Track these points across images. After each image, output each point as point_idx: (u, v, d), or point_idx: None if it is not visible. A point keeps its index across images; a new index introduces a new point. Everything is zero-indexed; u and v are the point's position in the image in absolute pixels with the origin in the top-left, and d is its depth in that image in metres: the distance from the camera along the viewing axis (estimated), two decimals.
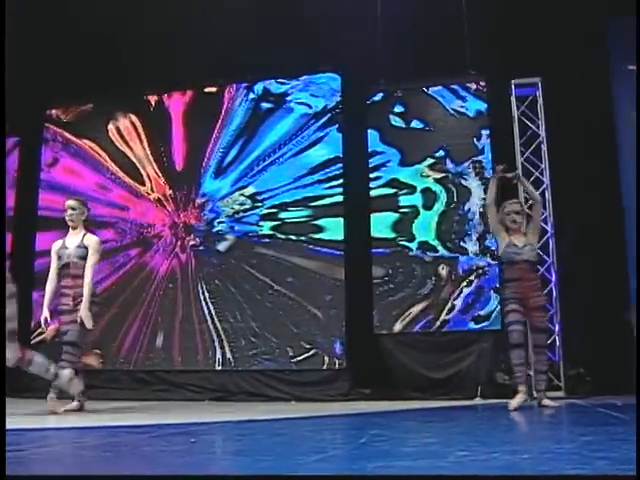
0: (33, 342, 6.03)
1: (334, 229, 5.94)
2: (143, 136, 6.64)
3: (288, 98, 6.22)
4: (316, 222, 6.01)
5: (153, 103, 6.68)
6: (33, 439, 2.89)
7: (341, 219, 5.94)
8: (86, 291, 4.36)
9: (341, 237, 5.92)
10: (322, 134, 6.07)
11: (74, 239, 4.53)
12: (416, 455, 2.13)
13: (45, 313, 4.42)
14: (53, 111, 6.95)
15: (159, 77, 6.43)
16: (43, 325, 4.45)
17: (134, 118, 6.70)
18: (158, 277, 6.32)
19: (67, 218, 4.57)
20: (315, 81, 6.17)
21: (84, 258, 4.43)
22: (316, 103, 6.12)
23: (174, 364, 6.16)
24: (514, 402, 4.08)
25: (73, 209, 4.57)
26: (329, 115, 6.07)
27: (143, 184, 6.57)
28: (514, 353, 4.17)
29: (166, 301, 6.26)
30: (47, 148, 6.93)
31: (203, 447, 2.67)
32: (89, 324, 4.32)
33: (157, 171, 6.53)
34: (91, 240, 4.52)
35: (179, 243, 6.32)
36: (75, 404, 4.35)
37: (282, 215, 6.11)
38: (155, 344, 6.22)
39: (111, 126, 6.75)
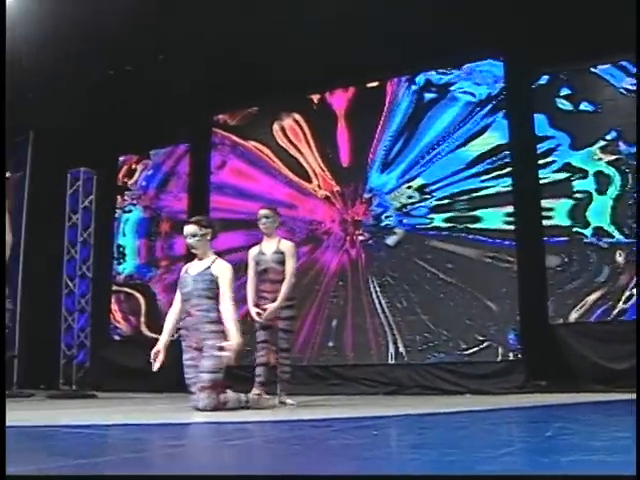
0: None
1: (503, 219, 7.49)
2: (308, 134, 8.68)
3: (451, 88, 7.91)
4: (485, 212, 7.59)
5: (316, 101, 8.71)
6: (225, 432, 3.76)
7: (511, 208, 7.47)
8: (284, 290, 5.79)
9: (511, 227, 7.45)
10: (487, 122, 7.67)
11: (270, 245, 5.98)
12: (609, 450, 2.41)
13: (253, 310, 5.93)
14: (220, 116, 9.28)
15: (321, 76, 8.40)
16: (257, 318, 5.88)
17: (298, 117, 8.78)
18: (329, 273, 8.30)
19: (261, 227, 6.00)
20: (477, 69, 7.80)
21: (282, 263, 5.88)
22: (480, 91, 7.75)
23: (347, 359, 8.08)
24: None
25: (267, 217, 6.00)
26: (494, 102, 7.66)
27: (310, 181, 8.61)
28: None
29: (337, 297, 8.21)
30: (215, 152, 9.27)
31: (386, 440, 3.28)
32: (267, 319, 5.80)
33: (323, 168, 8.53)
34: (286, 245, 5.97)
35: (348, 239, 8.26)
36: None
37: (452, 206, 7.75)
38: (327, 339, 8.18)
39: (276, 126, 8.88)
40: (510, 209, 7.50)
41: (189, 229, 5.18)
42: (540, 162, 7.41)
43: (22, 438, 3.25)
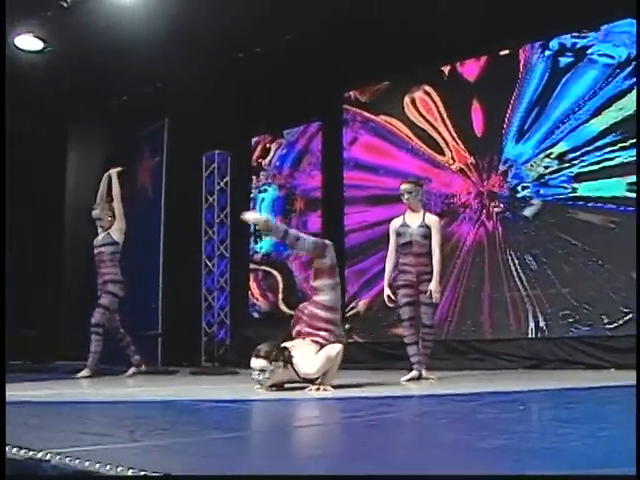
0: (347, 315, 8.67)
1: None
2: (440, 106, 8.92)
3: (587, 51, 7.92)
4: (626, 180, 7.57)
5: (447, 72, 8.92)
6: (372, 406, 3.92)
7: None
8: (437, 267, 6.07)
9: None
10: (627, 85, 7.65)
11: (415, 218, 6.19)
12: None
13: (387, 291, 6.23)
14: (351, 93, 9.66)
15: (451, 46, 8.61)
16: (388, 303, 6.27)
17: (429, 89, 9.03)
18: (465, 247, 8.55)
19: (405, 201, 6.23)
20: (614, 30, 7.77)
21: (426, 237, 6.10)
22: (619, 53, 7.73)
23: (485, 333, 8.32)
24: None
25: (409, 192, 6.20)
26: (634, 64, 7.62)
27: (443, 154, 8.86)
28: None
29: (474, 270, 8.45)
30: (347, 129, 9.66)
31: (534, 414, 3.34)
32: (437, 299, 6.13)
33: (457, 140, 8.75)
34: (433, 220, 6.19)
35: (484, 211, 8.46)
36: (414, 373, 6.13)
37: (591, 175, 7.78)
38: (465, 314, 8.45)
39: (407, 100, 9.18)
40: None
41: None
42: None
43: (171, 412, 3.58)
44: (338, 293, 5.18)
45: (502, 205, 8.37)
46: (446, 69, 8.97)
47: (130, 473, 1.46)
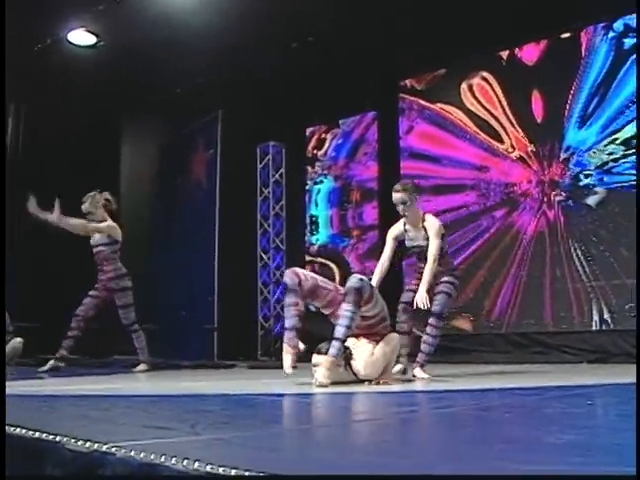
0: None
1: None
2: (498, 92, 8.81)
3: None
4: None
5: (505, 57, 8.80)
6: (434, 400, 3.91)
7: None
8: (427, 275, 5.30)
9: None
10: None
11: (415, 224, 5.58)
12: None
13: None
14: (407, 81, 9.62)
15: (509, 31, 8.49)
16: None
17: (487, 75, 8.92)
18: (526, 237, 8.44)
19: (401, 212, 5.53)
20: None
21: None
22: None
23: (546, 326, 8.21)
24: None
25: (404, 203, 5.46)
26: None
27: (502, 142, 8.75)
28: None
29: (535, 261, 8.34)
30: (403, 117, 9.61)
31: (603, 409, 3.29)
32: (423, 306, 5.29)
33: (516, 127, 8.64)
34: (431, 223, 5.50)
35: (546, 200, 8.34)
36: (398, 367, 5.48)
37: None
38: (526, 306, 8.35)
39: (464, 87, 9.09)
40: None
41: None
42: None
43: (231, 406, 3.60)
44: (379, 298, 5.02)
45: (564, 194, 8.24)
46: (504, 54, 8.85)
47: (196, 466, 1.47)
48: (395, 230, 5.72)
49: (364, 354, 4.83)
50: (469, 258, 8.87)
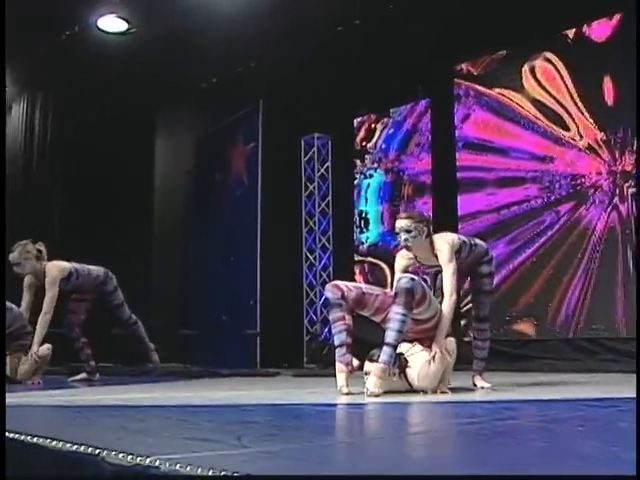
0: (462, 310, 8.57)
1: None
2: (564, 75, 8.70)
3: None
4: None
5: (571, 36, 8.69)
6: (493, 410, 3.89)
7: None
8: (446, 317, 4.89)
9: None
10: None
11: (423, 252, 5.08)
12: None
13: None
14: (462, 65, 9.56)
15: (576, 6, 8.38)
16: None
17: (551, 56, 8.82)
18: (595, 233, 8.33)
19: (402, 242, 5.00)
20: None
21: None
22: None
23: (618, 331, 8.08)
24: None
25: (408, 232, 4.93)
26: None
27: (567, 129, 8.65)
28: None
29: (605, 260, 8.22)
30: (459, 105, 9.57)
31: None
32: (437, 360, 4.84)
33: (584, 113, 8.52)
34: (441, 244, 5.00)
35: (617, 193, 8.21)
36: None
37: None
38: (596, 309, 8.23)
39: (525, 69, 9.00)
40: None
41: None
42: None
43: (277, 417, 3.62)
44: (434, 300, 5.01)
45: (638, 186, 8.11)
46: (571, 32, 8.71)
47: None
48: (402, 261, 5.22)
49: (420, 362, 4.80)
50: (531, 257, 8.78)
